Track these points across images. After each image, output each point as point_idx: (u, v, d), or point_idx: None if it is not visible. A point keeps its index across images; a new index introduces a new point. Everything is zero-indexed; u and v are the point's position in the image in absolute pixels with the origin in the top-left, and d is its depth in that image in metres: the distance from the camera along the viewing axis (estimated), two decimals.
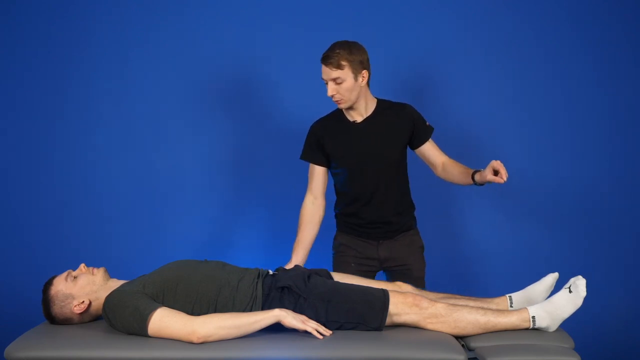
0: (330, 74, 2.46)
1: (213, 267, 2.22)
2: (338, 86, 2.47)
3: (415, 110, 2.64)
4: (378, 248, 2.66)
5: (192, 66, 3.28)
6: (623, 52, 3.27)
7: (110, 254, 3.17)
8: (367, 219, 2.63)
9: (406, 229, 2.68)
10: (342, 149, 2.59)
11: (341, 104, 2.53)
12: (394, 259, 2.66)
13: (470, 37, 3.28)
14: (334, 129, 2.61)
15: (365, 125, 2.58)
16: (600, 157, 3.28)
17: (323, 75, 2.49)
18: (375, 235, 2.65)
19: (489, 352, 2.00)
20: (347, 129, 2.59)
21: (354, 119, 2.59)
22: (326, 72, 2.47)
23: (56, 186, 3.25)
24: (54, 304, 2.15)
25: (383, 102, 2.63)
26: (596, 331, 3.19)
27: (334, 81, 2.46)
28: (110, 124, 3.27)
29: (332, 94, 2.48)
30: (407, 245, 2.67)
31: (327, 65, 2.46)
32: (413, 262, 2.66)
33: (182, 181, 3.28)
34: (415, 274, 2.64)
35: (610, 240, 3.28)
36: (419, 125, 2.61)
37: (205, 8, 3.27)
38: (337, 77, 2.45)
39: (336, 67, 2.44)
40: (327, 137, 2.61)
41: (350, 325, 2.12)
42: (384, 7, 3.28)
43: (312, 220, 2.65)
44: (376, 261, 2.67)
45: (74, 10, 3.25)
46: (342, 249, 2.69)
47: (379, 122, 2.58)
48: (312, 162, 2.66)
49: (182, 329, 1.99)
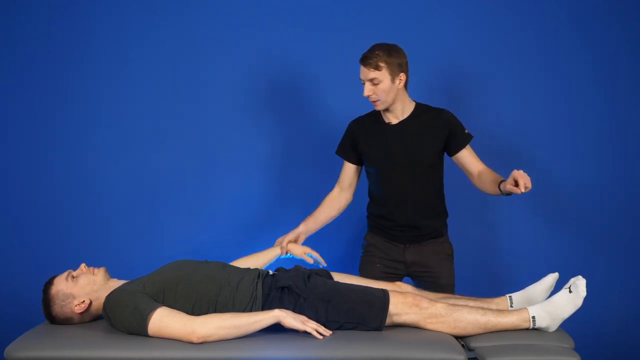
0: (368, 75, 2.49)
1: (213, 267, 2.23)
2: (375, 87, 2.49)
3: (453, 116, 2.63)
4: (405, 252, 2.65)
5: (192, 66, 3.27)
6: (623, 52, 3.28)
7: (110, 254, 3.16)
8: (395, 221, 2.63)
9: (435, 235, 2.65)
10: (375, 150, 2.62)
11: (377, 105, 2.55)
12: (420, 264, 2.64)
13: (470, 37, 3.28)
14: (370, 128, 2.64)
15: (399, 127, 2.59)
16: (600, 156, 3.28)
17: (361, 75, 2.52)
18: (402, 238, 2.64)
19: (489, 352, 2.00)
20: (381, 130, 2.62)
21: (389, 121, 2.61)
22: (364, 72, 2.50)
23: (56, 186, 3.24)
24: (55, 303, 2.16)
25: (421, 107, 2.63)
26: (596, 331, 3.19)
27: (371, 82, 2.49)
28: (110, 124, 3.26)
29: (368, 94, 2.52)
30: (435, 253, 2.64)
31: (366, 65, 2.49)
32: (440, 270, 2.63)
33: (182, 181, 3.28)
34: (443, 282, 2.61)
35: (610, 240, 3.28)
36: (456, 132, 2.59)
37: (205, 8, 3.27)
38: (374, 78, 2.48)
39: (374, 68, 2.47)
40: (361, 136, 2.65)
41: (350, 325, 2.12)
42: (383, 6, 3.28)
43: (331, 204, 2.73)
44: (402, 264, 2.65)
45: (74, 10, 3.25)
46: (370, 249, 2.71)
47: (413, 125, 2.58)
48: (344, 158, 2.72)
49: (182, 328, 1.99)
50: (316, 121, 3.29)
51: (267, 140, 3.30)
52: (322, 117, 3.28)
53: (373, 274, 2.62)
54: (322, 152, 3.10)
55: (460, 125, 2.61)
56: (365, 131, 2.65)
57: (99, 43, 3.25)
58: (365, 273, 2.65)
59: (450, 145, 2.60)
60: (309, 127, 3.28)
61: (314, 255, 2.67)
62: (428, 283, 2.58)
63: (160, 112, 3.27)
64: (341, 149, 2.73)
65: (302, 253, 2.67)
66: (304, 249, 2.68)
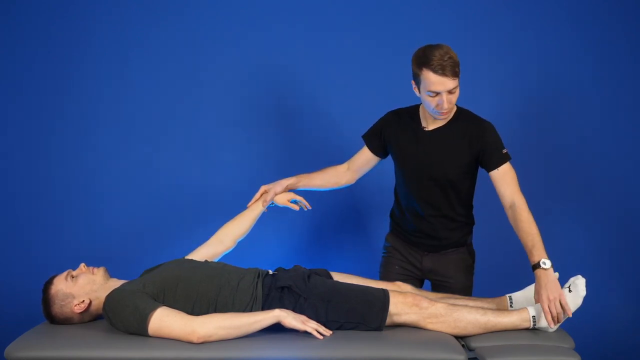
0: (451, 85, 2.19)
1: (213, 267, 2.23)
2: (452, 96, 2.22)
3: (493, 131, 2.36)
4: (422, 258, 2.55)
5: (192, 66, 3.28)
6: (623, 52, 3.28)
7: (110, 254, 3.16)
8: (414, 227, 2.51)
9: (456, 245, 2.52)
10: (403, 150, 2.46)
11: (444, 117, 2.31)
12: (437, 272, 2.54)
13: (470, 36, 3.28)
14: (404, 126, 2.45)
15: (433, 133, 2.39)
16: (600, 156, 3.28)
17: (438, 87, 2.18)
18: (420, 245, 2.54)
19: (489, 352, 2.00)
20: (414, 132, 2.43)
21: (424, 125, 2.41)
22: (445, 83, 2.18)
23: (56, 186, 3.24)
24: (54, 303, 2.15)
25: (463, 113, 2.40)
26: (596, 331, 3.19)
27: (450, 92, 2.21)
28: (110, 124, 3.27)
29: (447, 105, 2.22)
30: (453, 263, 2.52)
31: (448, 75, 2.17)
32: (456, 281, 2.51)
33: (182, 181, 3.28)
34: (459, 293, 2.45)
35: (610, 240, 3.28)
36: (489, 149, 2.33)
37: (205, 8, 3.27)
38: (454, 88, 2.21)
39: (455, 75, 2.18)
40: (393, 132, 2.47)
41: (350, 325, 2.12)
42: (384, 7, 3.28)
43: (334, 174, 2.61)
44: (419, 270, 2.57)
45: (74, 10, 3.25)
46: (390, 250, 2.63)
47: (448, 134, 2.37)
48: (366, 142, 2.56)
49: (182, 328, 1.99)
50: (316, 121, 3.29)
51: (267, 140, 3.30)
52: (322, 117, 3.28)
53: (392, 274, 2.57)
54: (322, 152, 3.10)
55: (497, 143, 2.34)
56: (398, 128, 2.46)
57: (99, 43, 3.25)
58: (385, 273, 2.61)
59: (482, 163, 2.37)
60: (309, 127, 3.29)
61: (298, 199, 2.59)
62: (446, 291, 2.46)
63: (160, 112, 3.27)
64: (367, 134, 2.56)
65: (286, 201, 2.58)
66: (288, 195, 2.58)
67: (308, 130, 3.28)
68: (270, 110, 3.30)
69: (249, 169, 3.29)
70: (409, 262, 2.58)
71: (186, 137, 3.28)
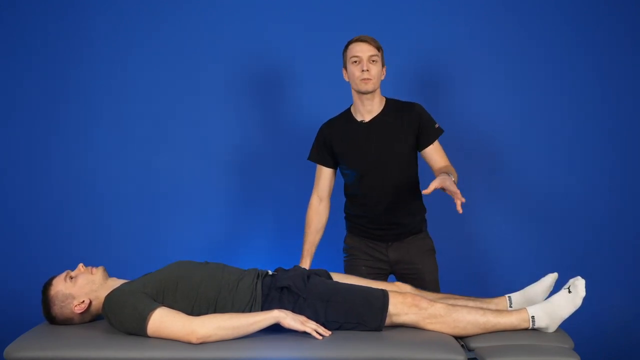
0: (369, 52, 2.49)
1: (213, 269, 2.23)
2: (372, 64, 2.50)
3: (424, 110, 2.61)
4: (388, 250, 2.64)
5: (192, 66, 3.28)
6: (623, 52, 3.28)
7: (110, 254, 3.17)
8: (376, 221, 2.61)
9: (416, 231, 2.66)
10: (350, 150, 2.58)
11: (368, 85, 2.51)
12: (405, 261, 2.64)
13: (468, 37, 3.29)
14: (342, 128, 2.61)
15: (372, 124, 2.57)
16: (599, 156, 3.28)
17: (358, 53, 2.50)
18: (384, 237, 2.63)
19: (489, 353, 2.00)
20: (354, 129, 2.59)
21: (362, 118, 2.58)
22: (365, 49, 2.49)
23: (56, 186, 3.25)
24: (54, 304, 2.15)
25: (392, 102, 2.62)
26: (596, 331, 3.19)
27: (370, 58, 2.49)
28: (110, 124, 3.27)
29: (367, 69, 2.49)
30: (417, 248, 2.64)
31: (367, 42, 2.50)
32: (424, 265, 2.63)
33: (183, 181, 3.28)
34: (427, 277, 2.61)
35: (610, 241, 3.29)
36: (426, 126, 2.57)
37: (205, 8, 3.27)
38: (374, 55, 2.50)
39: (375, 47, 2.51)
40: (335, 138, 2.61)
41: (350, 325, 2.12)
42: (387, 6, 3.28)
43: (317, 226, 2.69)
44: (386, 264, 2.66)
45: (74, 10, 3.25)
46: (352, 252, 2.69)
47: (386, 121, 2.56)
48: (319, 163, 2.67)
49: (182, 329, 1.99)
50: (316, 121, 3.28)
51: (267, 140, 3.30)
52: (322, 118, 3.28)
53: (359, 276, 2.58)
54: None
55: (431, 120, 2.59)
56: (338, 132, 2.61)
57: (99, 43, 3.26)
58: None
59: (420, 140, 2.57)
60: (309, 127, 3.28)
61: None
62: (412, 280, 2.54)
63: (161, 112, 3.28)
64: (316, 155, 2.67)
65: None
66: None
67: (310, 131, 3.28)
68: (270, 111, 3.30)
69: (249, 170, 3.30)
70: (375, 259, 2.65)
71: (186, 137, 3.28)
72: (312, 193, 2.70)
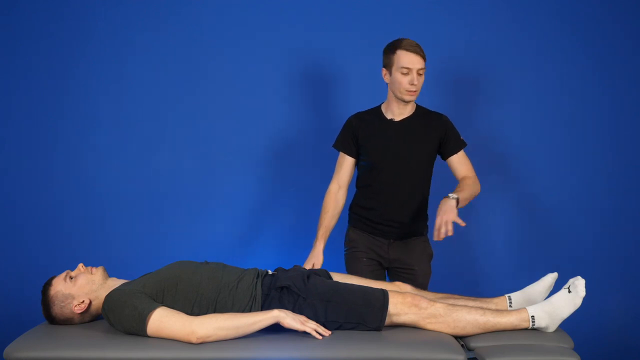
0: (420, 64, 2.51)
1: (213, 268, 2.23)
2: (420, 77, 2.54)
3: (450, 122, 2.69)
4: (389, 247, 2.68)
5: (192, 65, 3.28)
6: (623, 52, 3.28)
7: (110, 254, 3.17)
8: (385, 215, 2.65)
9: (418, 234, 2.71)
10: (374, 142, 2.63)
11: (413, 97, 2.57)
12: (402, 261, 2.68)
13: (468, 36, 3.29)
14: (371, 122, 2.66)
15: (402, 124, 2.63)
16: (600, 156, 3.28)
17: (409, 65, 2.51)
18: (387, 233, 2.67)
19: (489, 352, 2.00)
20: (383, 124, 2.64)
21: (391, 117, 2.64)
22: (417, 61, 2.51)
23: (56, 186, 3.25)
24: (54, 304, 2.15)
25: (422, 109, 2.69)
26: (596, 331, 3.19)
27: (419, 71, 2.52)
28: (110, 124, 3.27)
29: (417, 83, 2.52)
30: (417, 251, 2.69)
31: (419, 54, 2.51)
32: (419, 268, 2.68)
33: (182, 182, 3.28)
34: (420, 280, 2.65)
35: (610, 240, 3.28)
36: (451, 136, 2.65)
37: (205, 8, 3.27)
38: (422, 69, 2.53)
39: (424, 59, 2.53)
40: (362, 129, 2.66)
41: (350, 325, 2.12)
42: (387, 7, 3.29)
43: (334, 211, 2.71)
44: (386, 260, 2.69)
45: (74, 10, 3.25)
46: (354, 244, 2.71)
47: (415, 124, 2.63)
48: (343, 151, 2.71)
49: (181, 329, 1.99)
50: (316, 122, 3.29)
51: (267, 140, 3.30)
52: (322, 118, 3.28)
53: (359, 267, 2.65)
54: (321, 152, 3.10)
55: (456, 131, 2.68)
56: (365, 125, 2.67)
57: (98, 43, 3.26)
58: (352, 269, 2.67)
59: (445, 149, 2.66)
60: (309, 127, 3.29)
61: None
62: (404, 280, 2.57)
63: (161, 112, 3.28)
64: (341, 143, 2.72)
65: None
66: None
67: (310, 131, 3.28)
68: (270, 111, 3.30)
69: (249, 170, 3.30)
70: (375, 253, 2.68)
71: (186, 137, 3.28)
72: (332, 180, 2.75)
